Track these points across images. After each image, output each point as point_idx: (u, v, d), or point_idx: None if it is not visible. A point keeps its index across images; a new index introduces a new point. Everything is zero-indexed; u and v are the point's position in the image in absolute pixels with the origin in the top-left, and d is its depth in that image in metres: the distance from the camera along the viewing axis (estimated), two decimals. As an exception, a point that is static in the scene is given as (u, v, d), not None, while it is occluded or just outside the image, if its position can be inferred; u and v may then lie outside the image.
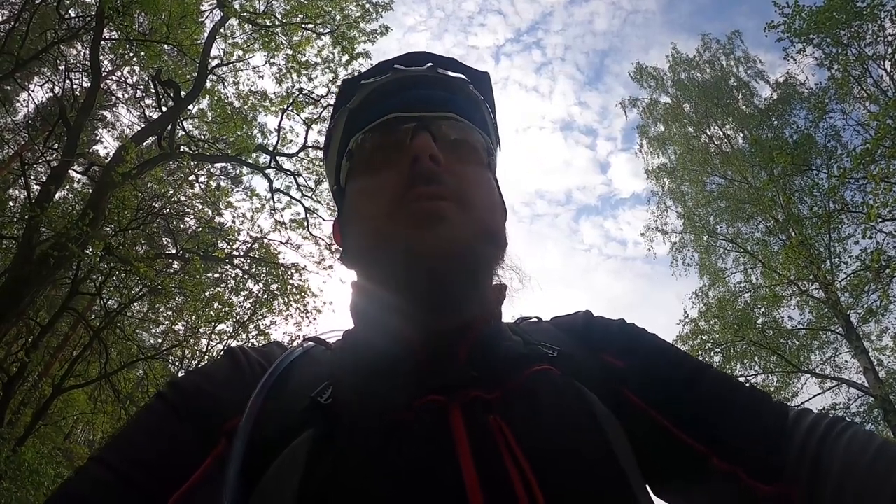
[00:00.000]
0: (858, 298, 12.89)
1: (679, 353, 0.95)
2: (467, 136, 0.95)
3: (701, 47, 19.31)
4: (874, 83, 13.12)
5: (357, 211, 0.93)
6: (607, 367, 0.91)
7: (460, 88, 1.01)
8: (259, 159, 13.24)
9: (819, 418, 0.80)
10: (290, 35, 12.73)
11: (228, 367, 0.89)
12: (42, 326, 11.42)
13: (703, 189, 17.27)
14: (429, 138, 0.87)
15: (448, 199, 0.84)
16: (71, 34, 12.52)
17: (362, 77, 1.02)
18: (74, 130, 10.55)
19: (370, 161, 0.93)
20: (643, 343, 0.96)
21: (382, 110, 0.94)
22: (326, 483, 0.69)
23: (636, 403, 0.86)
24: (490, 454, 0.70)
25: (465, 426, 0.73)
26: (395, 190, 0.85)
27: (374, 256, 0.88)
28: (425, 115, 0.92)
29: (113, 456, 0.75)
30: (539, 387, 0.82)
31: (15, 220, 11.74)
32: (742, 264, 16.14)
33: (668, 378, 0.88)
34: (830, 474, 0.71)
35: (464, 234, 0.82)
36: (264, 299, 14.63)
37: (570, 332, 1.00)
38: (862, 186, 12.39)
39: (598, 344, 0.95)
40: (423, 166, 0.84)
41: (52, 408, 13.04)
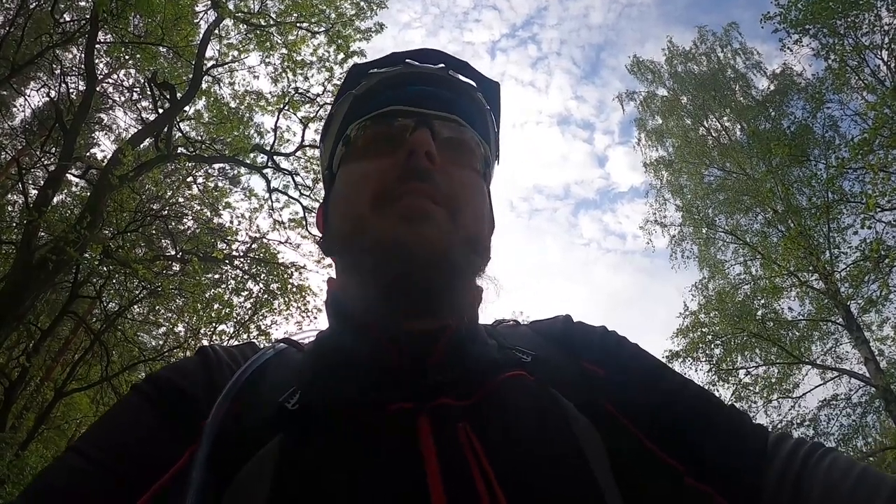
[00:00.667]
0: (858, 289, 12.86)
1: (661, 365, 0.94)
2: (467, 140, 0.94)
3: (697, 39, 19.29)
4: (871, 73, 13.07)
5: (344, 195, 0.92)
6: (586, 374, 0.89)
7: (468, 93, 1.00)
8: (256, 159, 13.25)
9: (800, 443, 0.79)
10: (285, 34, 12.72)
11: (200, 365, 0.88)
12: (43, 331, 11.46)
13: (701, 181, 17.20)
14: (428, 135, 0.86)
15: (437, 202, 0.83)
16: (66, 38, 12.50)
17: (372, 65, 1.01)
18: (71, 134, 10.54)
19: (366, 148, 0.92)
20: (625, 353, 0.94)
21: (387, 101, 0.93)
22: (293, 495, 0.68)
23: (613, 414, 0.83)
24: (458, 467, 0.69)
25: (434, 437, 0.72)
26: (386, 179, 0.85)
27: (354, 243, 0.86)
28: (428, 112, 0.92)
29: (90, 446, 0.74)
30: (511, 394, 0.80)
31: (14, 225, 11.75)
32: (741, 256, 16.12)
33: (647, 391, 0.86)
34: (811, 499, 0.70)
35: (448, 238, 0.81)
36: (264, 299, 14.64)
37: (548, 336, 0.98)
38: (860, 176, 12.38)
39: (578, 350, 0.93)
40: (418, 162, 0.84)
41: (54, 412, 13.08)
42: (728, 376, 14.20)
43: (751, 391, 14.10)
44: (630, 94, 20.14)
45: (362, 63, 1.02)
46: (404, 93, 0.94)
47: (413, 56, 0.98)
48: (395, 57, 0.99)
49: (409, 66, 0.97)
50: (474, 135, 0.96)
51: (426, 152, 0.84)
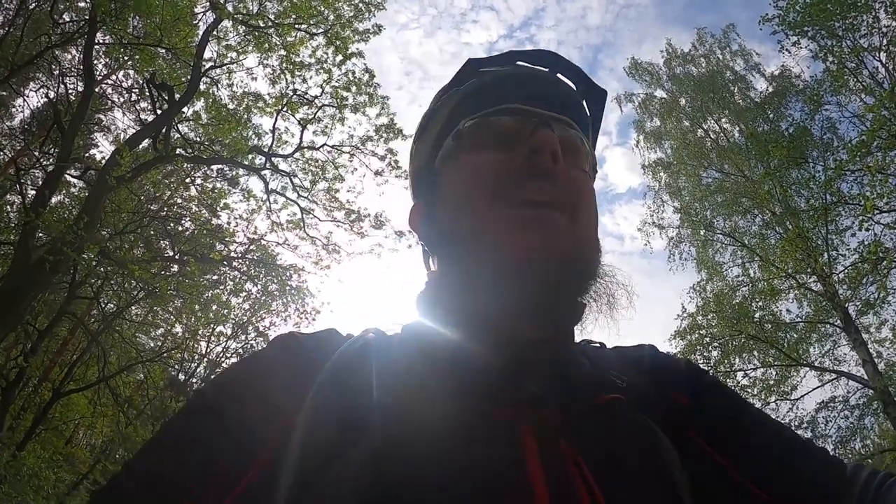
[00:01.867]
0: (856, 291, 12.84)
1: (741, 398, 0.94)
2: (582, 145, 0.92)
3: (696, 41, 19.28)
4: (870, 75, 13.09)
5: (458, 189, 0.88)
6: (674, 404, 0.87)
7: (575, 100, 0.98)
8: (254, 161, 13.27)
9: (874, 473, 0.80)
10: (283, 36, 12.73)
11: (280, 360, 0.84)
12: (40, 331, 11.46)
13: (699, 183, 17.17)
14: (552, 134, 0.83)
15: (559, 207, 0.81)
16: (65, 39, 12.54)
17: (482, 63, 0.98)
18: (69, 135, 10.57)
19: (482, 145, 0.88)
20: (708, 383, 0.93)
21: (504, 98, 0.91)
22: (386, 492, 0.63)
23: (699, 444, 0.83)
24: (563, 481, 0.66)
25: (538, 448, 0.69)
26: (505, 176, 0.82)
27: (473, 240, 0.82)
28: (546, 113, 0.89)
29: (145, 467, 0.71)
30: (612, 417, 0.78)
31: (12, 226, 11.75)
32: (739, 258, 16.05)
33: (731, 421, 0.87)
34: None
35: (568, 245, 0.79)
36: (263, 300, 14.68)
37: (635, 363, 0.95)
38: (858, 178, 12.31)
39: (665, 380, 0.91)
40: (543, 161, 0.81)
41: (52, 412, 13.09)
42: (726, 378, 14.15)
43: (748, 394, 14.03)
44: (628, 95, 20.16)
45: (473, 59, 1.00)
46: (521, 90, 0.92)
47: (524, 57, 0.97)
48: (506, 56, 0.98)
49: (522, 66, 0.96)
50: (586, 141, 0.94)
51: (552, 151, 0.81)
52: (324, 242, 13.80)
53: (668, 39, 20.06)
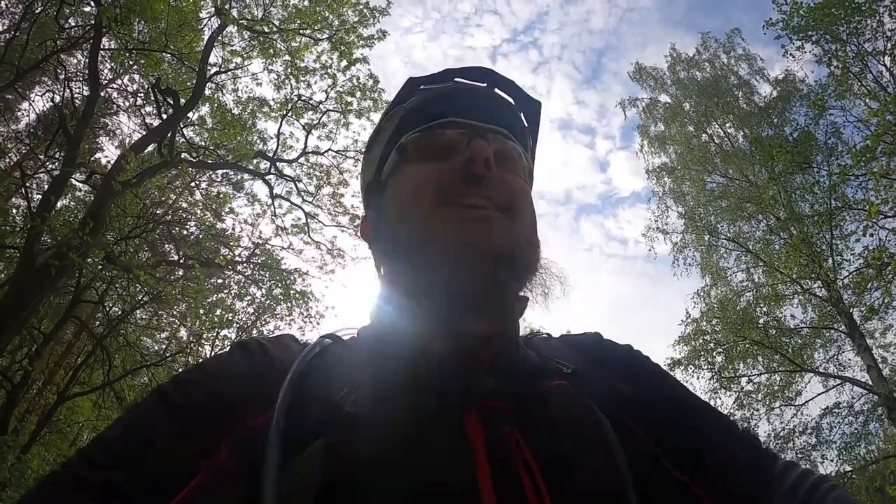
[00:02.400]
0: (861, 296, 12.81)
1: (682, 388, 0.97)
2: (516, 153, 0.98)
3: (700, 46, 19.28)
4: (874, 79, 13.05)
5: (402, 198, 0.93)
6: (614, 391, 0.91)
7: (511, 110, 1.04)
8: (259, 165, 13.31)
9: (805, 475, 0.82)
10: (288, 41, 12.76)
11: (243, 362, 0.85)
12: (45, 335, 11.50)
13: (703, 188, 17.17)
14: (486, 144, 0.89)
15: (496, 207, 0.87)
16: (71, 43, 12.57)
17: (422, 81, 1.05)
18: (74, 140, 10.59)
19: (422, 156, 0.95)
20: (648, 372, 0.98)
21: (442, 112, 0.97)
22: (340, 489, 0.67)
23: (634, 430, 0.86)
24: (506, 467, 0.71)
25: (483, 434, 0.74)
26: (446, 183, 0.88)
27: (416, 244, 0.86)
28: (480, 125, 0.96)
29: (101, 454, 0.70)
30: (556, 403, 0.83)
31: (17, 230, 11.79)
32: (744, 263, 16.04)
33: (668, 411, 0.90)
34: None
35: (511, 241, 0.84)
36: (267, 304, 14.69)
37: (580, 351, 1.00)
38: (863, 183, 12.34)
39: (608, 367, 0.96)
40: (476, 167, 0.87)
41: (56, 415, 13.14)
42: (730, 384, 14.14)
43: (753, 399, 14.05)
44: (633, 100, 20.13)
45: (413, 78, 1.06)
46: (458, 104, 0.98)
47: (461, 74, 1.03)
48: (443, 74, 1.04)
49: (459, 83, 1.02)
50: (521, 148, 1.00)
51: (485, 160, 0.87)
52: (328, 247, 13.86)
53: (673, 44, 20.06)
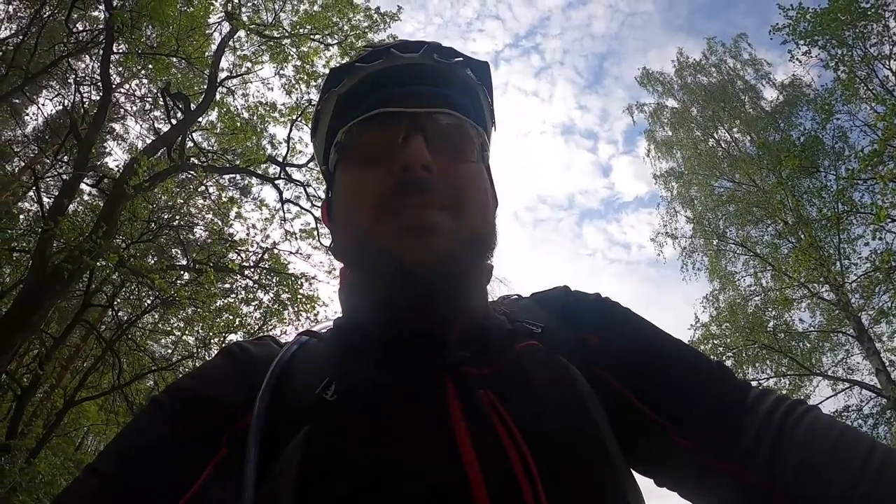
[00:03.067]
0: (869, 300, 12.88)
1: (650, 328, 0.96)
2: (462, 132, 0.93)
3: (707, 50, 19.39)
4: (880, 83, 13.11)
5: (344, 207, 0.92)
6: (584, 343, 0.92)
7: (456, 76, 0.98)
8: (268, 170, 13.29)
9: (779, 400, 0.81)
10: (298, 46, 12.77)
11: (228, 366, 0.88)
12: (55, 338, 11.45)
13: (711, 193, 17.20)
14: (421, 143, 0.85)
15: (439, 207, 0.83)
16: (80, 48, 12.58)
17: (354, 61, 0.98)
18: (85, 144, 10.58)
19: (359, 156, 0.92)
20: (616, 319, 0.98)
21: (374, 103, 0.91)
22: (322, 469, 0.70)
23: (606, 378, 0.87)
24: (483, 426, 0.73)
25: (459, 401, 0.76)
26: (384, 193, 0.84)
27: (360, 260, 0.89)
28: (419, 110, 0.90)
29: (110, 467, 0.74)
30: (527, 362, 0.85)
31: (27, 233, 11.76)
32: (752, 268, 16.09)
33: (636, 354, 0.90)
34: (790, 457, 0.72)
35: (454, 242, 0.82)
36: (274, 309, 14.64)
37: (550, 308, 1.01)
38: (870, 187, 12.41)
39: (576, 321, 0.97)
40: (414, 174, 0.83)
41: (63, 419, 13.05)
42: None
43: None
44: (640, 105, 20.23)
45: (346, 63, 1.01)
46: (392, 92, 0.92)
47: (395, 47, 0.96)
48: (376, 51, 0.97)
49: (393, 57, 0.94)
50: (469, 123, 0.94)
51: (421, 164, 0.83)
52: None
53: (680, 49, 20.13)
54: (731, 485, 0.76)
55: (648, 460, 0.86)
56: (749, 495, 0.75)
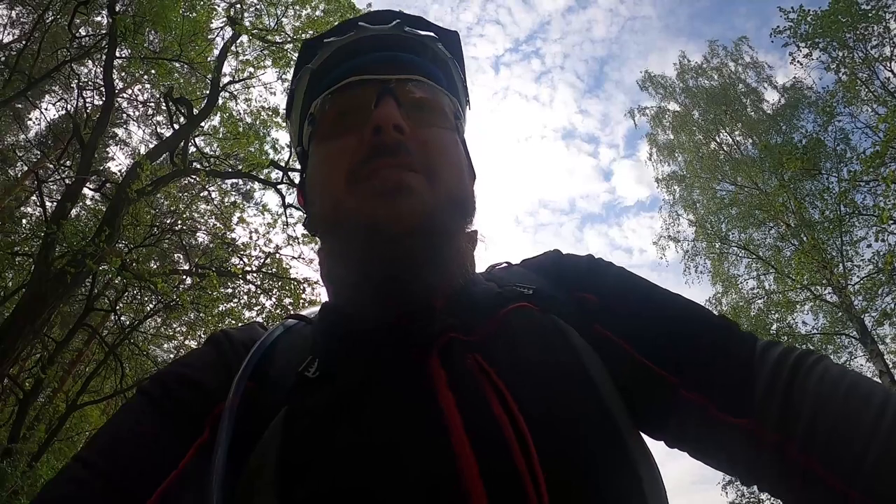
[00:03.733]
0: (872, 301, 12.89)
1: (648, 284, 0.94)
2: (434, 98, 0.93)
3: (709, 54, 19.48)
4: (881, 85, 13.16)
5: (317, 179, 0.91)
6: (581, 302, 0.90)
7: (428, 48, 0.97)
8: (271, 175, 13.30)
9: (788, 351, 0.78)
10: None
11: (211, 353, 0.88)
12: (57, 342, 11.46)
13: (713, 196, 17.25)
14: (393, 105, 0.85)
15: (413, 168, 0.82)
16: (82, 52, 12.62)
17: (324, 35, 0.98)
18: (88, 148, 10.61)
19: (332, 126, 0.91)
20: (612, 277, 0.95)
21: (345, 72, 0.91)
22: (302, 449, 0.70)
23: (608, 336, 0.85)
24: (470, 391, 0.71)
25: (444, 368, 0.74)
26: (356, 159, 0.84)
27: (336, 229, 0.87)
28: (390, 77, 0.89)
29: (94, 455, 0.74)
30: (517, 323, 0.83)
31: (29, 237, 11.79)
32: (755, 270, 16.09)
33: (636, 309, 0.88)
34: (802, 411, 0.69)
35: (430, 204, 0.81)
36: (277, 314, 14.61)
37: (541, 272, 0.99)
38: (873, 189, 12.41)
39: (571, 281, 0.95)
40: (385, 137, 0.82)
41: (65, 423, 13.03)
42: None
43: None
44: (641, 109, 20.30)
45: (316, 36, 1.00)
46: (362, 60, 0.92)
47: (365, 19, 0.96)
48: (346, 25, 0.97)
49: (363, 29, 0.94)
50: (441, 91, 0.95)
51: (394, 125, 0.83)
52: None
53: (682, 52, 20.26)
54: (742, 439, 0.73)
55: (657, 419, 0.82)
56: (761, 450, 0.71)
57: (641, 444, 0.79)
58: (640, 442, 0.79)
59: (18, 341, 9.16)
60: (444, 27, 1.01)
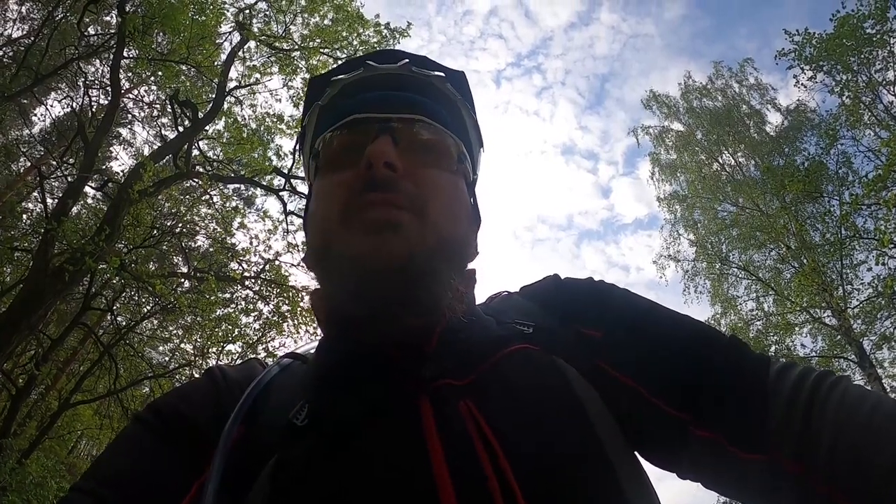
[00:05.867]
0: (872, 325, 12.89)
1: (651, 309, 0.91)
2: (436, 139, 0.92)
3: (713, 75, 19.64)
4: (885, 109, 13.23)
5: (315, 212, 0.91)
6: (583, 338, 0.88)
7: (434, 88, 0.98)
8: (273, 181, 13.32)
9: (804, 374, 0.75)
10: (307, 59, 12.86)
11: (207, 389, 0.87)
12: (53, 340, 11.41)
13: (714, 216, 17.33)
14: (388, 142, 0.85)
15: (403, 207, 0.81)
16: (90, 51, 12.70)
17: (333, 73, 1.00)
18: (92, 147, 10.63)
19: (333, 162, 0.91)
20: (614, 306, 0.92)
21: (349, 109, 0.92)
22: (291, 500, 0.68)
23: (611, 373, 0.82)
24: (460, 441, 0.68)
25: (434, 415, 0.71)
26: (349, 194, 0.83)
27: (325, 263, 0.86)
28: (391, 116, 0.89)
29: (95, 484, 0.73)
30: (514, 367, 0.80)
31: (29, 233, 11.80)
32: (754, 292, 16.11)
33: (642, 342, 0.84)
34: (822, 439, 0.66)
35: (417, 244, 0.79)
36: (274, 321, 14.58)
37: (542, 303, 0.97)
38: (874, 213, 12.41)
39: (571, 314, 0.92)
40: (376, 173, 0.82)
41: (57, 421, 12.97)
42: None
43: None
44: (645, 127, 20.41)
45: (325, 72, 1.02)
46: (365, 98, 0.92)
47: (373, 58, 0.98)
48: (354, 62, 0.99)
49: (371, 68, 0.96)
50: (444, 132, 0.94)
51: (385, 162, 0.82)
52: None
53: (688, 72, 20.41)
54: (762, 472, 0.70)
55: (668, 455, 0.80)
56: (782, 482, 0.68)
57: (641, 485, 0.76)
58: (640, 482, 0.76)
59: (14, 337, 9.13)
60: (450, 68, 1.02)
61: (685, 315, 0.90)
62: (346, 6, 12.63)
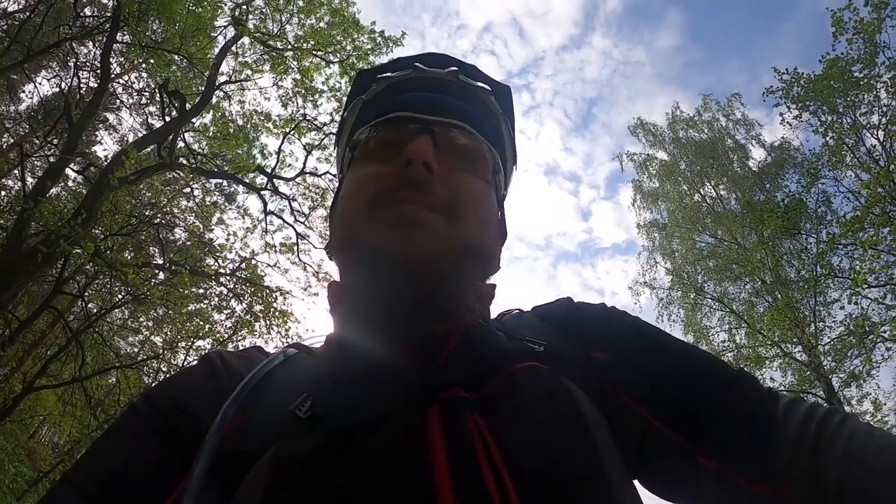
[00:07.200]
0: (841, 363, 13.01)
1: (662, 337, 0.91)
2: (474, 146, 0.92)
3: (701, 107, 19.87)
4: (867, 152, 13.41)
5: (344, 199, 0.91)
6: (593, 361, 0.87)
7: (478, 98, 0.99)
8: (256, 180, 13.25)
9: (812, 410, 0.75)
10: (299, 60, 12.85)
11: (205, 375, 0.86)
12: (21, 321, 11.19)
13: (692, 247, 17.46)
14: (428, 143, 0.85)
15: (434, 209, 0.81)
16: (84, 32, 12.58)
17: (381, 69, 1.02)
18: (77, 129, 10.54)
19: (370, 154, 0.92)
20: (625, 331, 0.92)
21: (392, 106, 0.93)
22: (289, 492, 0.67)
23: (619, 397, 0.82)
24: (465, 456, 0.67)
25: (442, 426, 0.70)
26: (383, 187, 0.84)
27: (348, 252, 0.87)
28: (434, 118, 0.90)
29: (86, 478, 0.72)
30: (524, 384, 0.79)
31: (6, 210, 11.60)
32: (727, 324, 16.16)
33: (649, 366, 0.84)
34: (830, 475, 0.66)
35: (444, 247, 0.79)
36: (246, 320, 14.45)
37: (554, 323, 0.96)
38: (850, 252, 12.58)
39: (583, 336, 0.91)
40: (414, 172, 0.82)
41: (19, 404, 12.69)
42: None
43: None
44: (630, 154, 20.56)
45: (372, 68, 1.04)
46: (410, 98, 0.93)
47: (422, 60, 0.99)
48: (403, 62, 1.00)
49: (419, 70, 0.97)
50: (482, 141, 0.94)
51: (423, 162, 0.83)
52: (315, 269, 13.68)
53: (676, 103, 20.66)
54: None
55: (671, 483, 0.80)
56: None
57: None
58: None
59: (-19, 316, 8.97)
60: (497, 80, 1.03)
61: (694, 345, 0.91)
62: (342, 10, 12.65)
